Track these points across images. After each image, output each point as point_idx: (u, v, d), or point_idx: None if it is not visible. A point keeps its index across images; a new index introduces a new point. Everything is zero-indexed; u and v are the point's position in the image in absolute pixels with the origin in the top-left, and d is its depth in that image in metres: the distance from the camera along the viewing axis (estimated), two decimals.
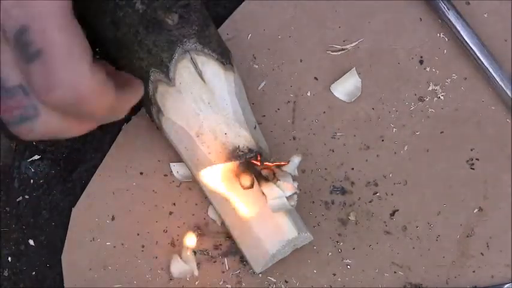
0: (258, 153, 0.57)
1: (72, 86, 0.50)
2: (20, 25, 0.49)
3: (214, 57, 0.56)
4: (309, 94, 0.63)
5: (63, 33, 0.50)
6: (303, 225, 0.59)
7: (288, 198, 0.56)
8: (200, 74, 0.56)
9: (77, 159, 0.64)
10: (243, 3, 0.63)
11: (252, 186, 0.56)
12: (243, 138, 0.56)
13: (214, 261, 0.63)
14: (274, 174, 0.57)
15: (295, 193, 0.57)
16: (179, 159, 0.61)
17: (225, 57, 0.57)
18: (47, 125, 0.52)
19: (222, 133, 0.56)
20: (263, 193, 0.56)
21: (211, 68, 0.56)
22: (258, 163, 0.57)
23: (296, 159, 0.57)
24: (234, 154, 0.56)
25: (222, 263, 0.63)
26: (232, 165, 0.57)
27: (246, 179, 0.56)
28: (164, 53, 0.56)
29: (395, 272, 0.62)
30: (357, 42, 0.63)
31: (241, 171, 0.57)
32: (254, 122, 0.58)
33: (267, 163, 0.57)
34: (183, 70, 0.56)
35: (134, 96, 0.55)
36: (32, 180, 0.64)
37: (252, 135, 0.57)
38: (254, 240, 0.58)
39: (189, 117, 0.56)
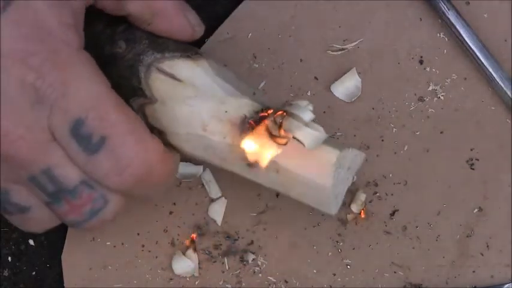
0: (266, 109, 0.54)
1: (143, 159, 0.49)
2: (74, 120, 0.49)
3: (178, 55, 0.55)
4: (309, 94, 0.63)
5: (119, 111, 0.49)
6: (337, 142, 0.57)
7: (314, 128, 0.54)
8: (173, 77, 0.55)
9: None
10: (243, 3, 0.63)
11: (286, 139, 0.53)
12: (245, 106, 0.54)
13: (214, 261, 0.63)
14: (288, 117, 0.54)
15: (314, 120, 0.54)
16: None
17: (189, 51, 0.56)
18: (117, 208, 0.52)
19: (223, 113, 0.54)
20: (294, 139, 0.54)
21: (180, 66, 0.55)
22: (269, 115, 0.55)
23: (302, 104, 0.55)
24: (246, 124, 0.54)
25: (222, 263, 0.63)
26: (256, 135, 0.54)
27: (279, 136, 0.53)
28: (131, 79, 0.55)
29: (395, 272, 0.62)
30: (357, 42, 0.63)
31: (269, 132, 0.54)
32: (251, 90, 0.56)
33: (278, 111, 0.54)
34: (156, 83, 0.55)
35: (177, 163, 0.54)
36: None
37: (252, 100, 0.55)
38: (311, 187, 0.54)
39: (187, 119, 0.55)
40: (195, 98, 0.54)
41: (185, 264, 0.62)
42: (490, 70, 0.61)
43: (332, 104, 0.63)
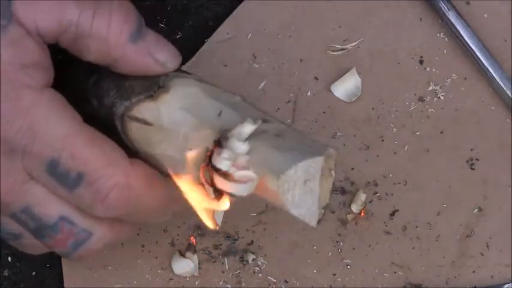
0: (216, 142, 0.50)
1: (124, 186, 0.49)
2: (48, 162, 0.49)
3: (142, 97, 0.52)
4: (309, 94, 0.63)
5: (92, 146, 0.49)
6: (288, 162, 0.49)
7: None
8: (145, 122, 0.52)
9: None
10: (243, 3, 0.63)
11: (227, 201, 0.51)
12: (206, 138, 0.51)
13: (214, 261, 0.63)
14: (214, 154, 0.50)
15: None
16: None
17: (151, 87, 0.52)
18: (103, 238, 0.52)
19: (188, 151, 0.51)
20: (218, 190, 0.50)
21: (146, 109, 0.52)
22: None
23: (246, 127, 0.50)
24: (207, 157, 0.51)
25: (222, 263, 0.63)
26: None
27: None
28: (113, 134, 0.52)
29: (395, 272, 0.62)
30: (357, 42, 0.63)
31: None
32: (217, 111, 0.52)
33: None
34: (133, 132, 0.52)
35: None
36: None
37: (215, 125, 0.51)
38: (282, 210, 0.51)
39: (167, 162, 0.52)
40: (165, 140, 0.52)
41: (185, 264, 0.62)
42: (490, 70, 0.61)
43: (332, 104, 0.63)
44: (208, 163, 0.50)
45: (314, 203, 0.50)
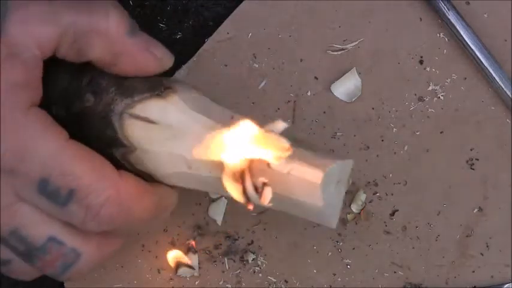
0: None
1: (115, 200, 0.49)
2: (38, 181, 0.48)
3: (147, 96, 0.52)
4: (309, 94, 0.63)
5: (81, 162, 0.49)
6: (321, 157, 0.52)
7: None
8: (148, 120, 0.52)
9: None
10: (243, 3, 0.63)
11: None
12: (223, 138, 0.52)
13: (214, 261, 0.63)
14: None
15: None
16: None
17: (157, 87, 0.53)
18: (92, 258, 0.51)
19: (205, 149, 0.52)
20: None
21: (152, 107, 0.52)
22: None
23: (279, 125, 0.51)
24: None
25: (222, 263, 0.63)
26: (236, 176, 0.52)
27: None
28: (106, 131, 0.52)
29: (395, 272, 0.62)
30: (357, 42, 0.63)
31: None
32: (229, 114, 0.53)
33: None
34: (132, 130, 0.52)
35: (168, 197, 0.54)
36: None
37: (229, 128, 0.52)
38: (305, 209, 0.52)
39: (170, 161, 0.52)
40: (174, 138, 0.52)
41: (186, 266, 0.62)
42: (490, 70, 0.61)
43: (332, 104, 0.63)
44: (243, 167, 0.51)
45: (339, 204, 0.53)
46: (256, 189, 0.51)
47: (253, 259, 0.62)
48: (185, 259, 0.62)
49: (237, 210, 0.63)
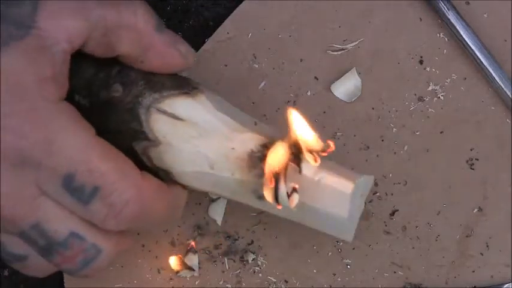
0: (271, 142, 0.53)
1: (137, 200, 0.50)
2: (63, 176, 0.48)
3: (176, 93, 0.53)
4: (309, 94, 0.63)
5: (107, 159, 0.49)
6: (349, 172, 0.55)
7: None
8: (174, 116, 0.53)
9: None
10: (243, 3, 0.63)
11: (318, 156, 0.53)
12: (250, 141, 0.53)
13: (214, 261, 0.63)
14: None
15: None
16: None
17: (185, 86, 0.54)
18: (111, 254, 0.52)
19: (229, 150, 0.53)
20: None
21: (179, 104, 0.53)
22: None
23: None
24: (253, 159, 0.53)
25: (222, 263, 0.63)
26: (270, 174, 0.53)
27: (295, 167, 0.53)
28: (131, 123, 0.53)
29: (395, 272, 0.62)
30: (357, 42, 0.63)
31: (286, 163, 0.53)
32: (252, 120, 0.55)
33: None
34: (158, 124, 0.53)
35: (181, 197, 0.54)
36: None
37: (256, 132, 0.54)
38: (328, 219, 0.54)
39: (193, 159, 0.53)
40: (199, 137, 0.53)
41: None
42: (490, 70, 0.61)
43: (332, 104, 0.63)
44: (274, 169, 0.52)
45: (357, 219, 0.54)
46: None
47: (253, 259, 0.62)
48: (186, 263, 0.62)
49: (237, 210, 0.63)
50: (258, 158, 0.53)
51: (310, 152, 0.53)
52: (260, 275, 0.62)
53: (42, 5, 0.49)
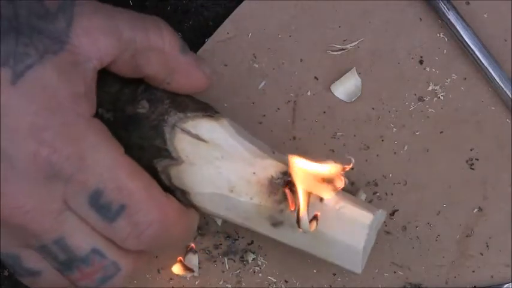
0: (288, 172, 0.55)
1: (161, 222, 0.50)
2: (92, 192, 0.49)
3: (200, 115, 0.55)
4: (309, 94, 0.63)
5: (135, 178, 0.50)
6: (368, 204, 0.58)
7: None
8: (198, 137, 0.54)
9: None
10: (243, 3, 0.63)
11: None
12: (270, 167, 0.55)
13: (214, 261, 0.63)
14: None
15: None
16: None
17: (208, 110, 0.55)
18: (129, 273, 0.52)
19: (251, 174, 0.54)
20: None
21: (204, 126, 0.54)
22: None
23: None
24: (273, 185, 0.54)
25: (222, 263, 0.63)
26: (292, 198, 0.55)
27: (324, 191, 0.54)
28: (155, 140, 0.54)
29: (395, 272, 0.62)
30: (357, 42, 0.63)
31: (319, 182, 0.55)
32: (270, 149, 0.57)
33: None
34: (182, 143, 0.54)
35: (196, 220, 0.55)
36: None
37: (275, 159, 0.55)
38: (343, 249, 0.56)
39: (213, 180, 0.54)
40: (222, 159, 0.54)
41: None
42: (490, 70, 0.61)
43: (332, 104, 0.63)
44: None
45: (368, 251, 0.56)
46: None
47: (253, 259, 0.62)
48: (186, 263, 0.62)
49: None
50: (279, 184, 0.54)
51: (327, 182, 0.54)
52: (260, 275, 0.62)
53: (77, 22, 0.49)
